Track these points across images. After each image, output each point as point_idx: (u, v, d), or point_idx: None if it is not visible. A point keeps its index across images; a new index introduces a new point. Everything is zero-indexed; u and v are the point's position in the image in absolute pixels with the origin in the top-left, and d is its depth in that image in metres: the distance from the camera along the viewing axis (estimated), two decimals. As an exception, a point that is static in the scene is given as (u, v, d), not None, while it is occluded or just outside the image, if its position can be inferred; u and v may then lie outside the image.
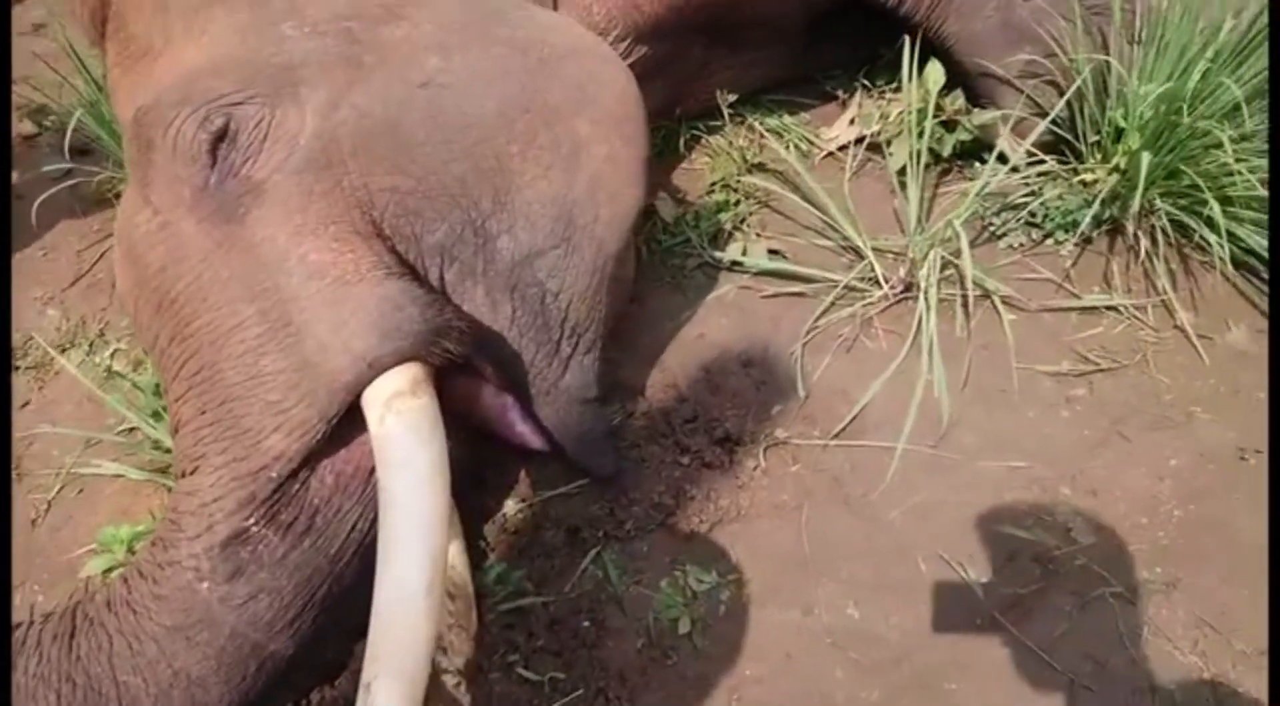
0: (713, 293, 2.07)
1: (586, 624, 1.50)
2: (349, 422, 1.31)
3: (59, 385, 1.95)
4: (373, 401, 1.27)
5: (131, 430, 1.75)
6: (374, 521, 1.34)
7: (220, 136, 1.40)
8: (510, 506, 1.66)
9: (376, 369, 1.27)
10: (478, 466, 1.64)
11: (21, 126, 2.68)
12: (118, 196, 2.35)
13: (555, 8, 1.89)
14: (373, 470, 1.32)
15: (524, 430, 1.62)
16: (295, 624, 1.29)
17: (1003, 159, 2.00)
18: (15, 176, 2.49)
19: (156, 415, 1.71)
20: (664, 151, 2.33)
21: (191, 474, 1.33)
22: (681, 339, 1.96)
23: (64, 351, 2.01)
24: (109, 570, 1.50)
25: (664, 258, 2.11)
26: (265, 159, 1.41)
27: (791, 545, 1.60)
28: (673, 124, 2.34)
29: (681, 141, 2.36)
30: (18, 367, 1.98)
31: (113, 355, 1.97)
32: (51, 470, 1.78)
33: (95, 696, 1.21)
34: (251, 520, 1.26)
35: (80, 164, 2.31)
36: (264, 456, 1.27)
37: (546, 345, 1.58)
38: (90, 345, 2.00)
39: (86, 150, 2.40)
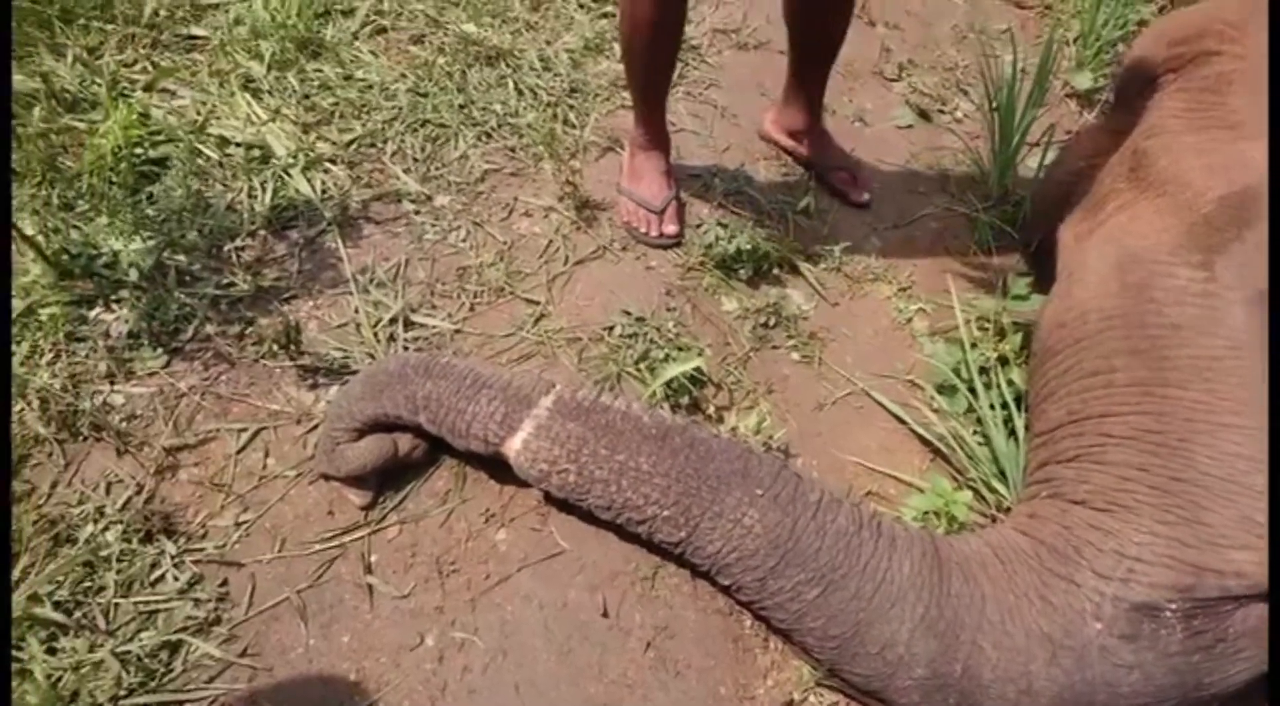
0: None
1: None
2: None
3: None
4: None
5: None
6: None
7: None
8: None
9: None
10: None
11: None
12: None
13: None
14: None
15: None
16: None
17: None
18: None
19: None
20: None
21: (1101, 511, 1.37)
22: None
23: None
24: (924, 513, 1.61)
25: None
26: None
27: None
28: None
29: None
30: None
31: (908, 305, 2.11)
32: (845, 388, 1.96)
33: (952, 637, 1.30)
34: (1173, 606, 1.25)
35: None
36: (1224, 564, 1.25)
37: None
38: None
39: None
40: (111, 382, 1.66)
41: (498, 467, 1.55)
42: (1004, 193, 2.43)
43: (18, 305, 1.71)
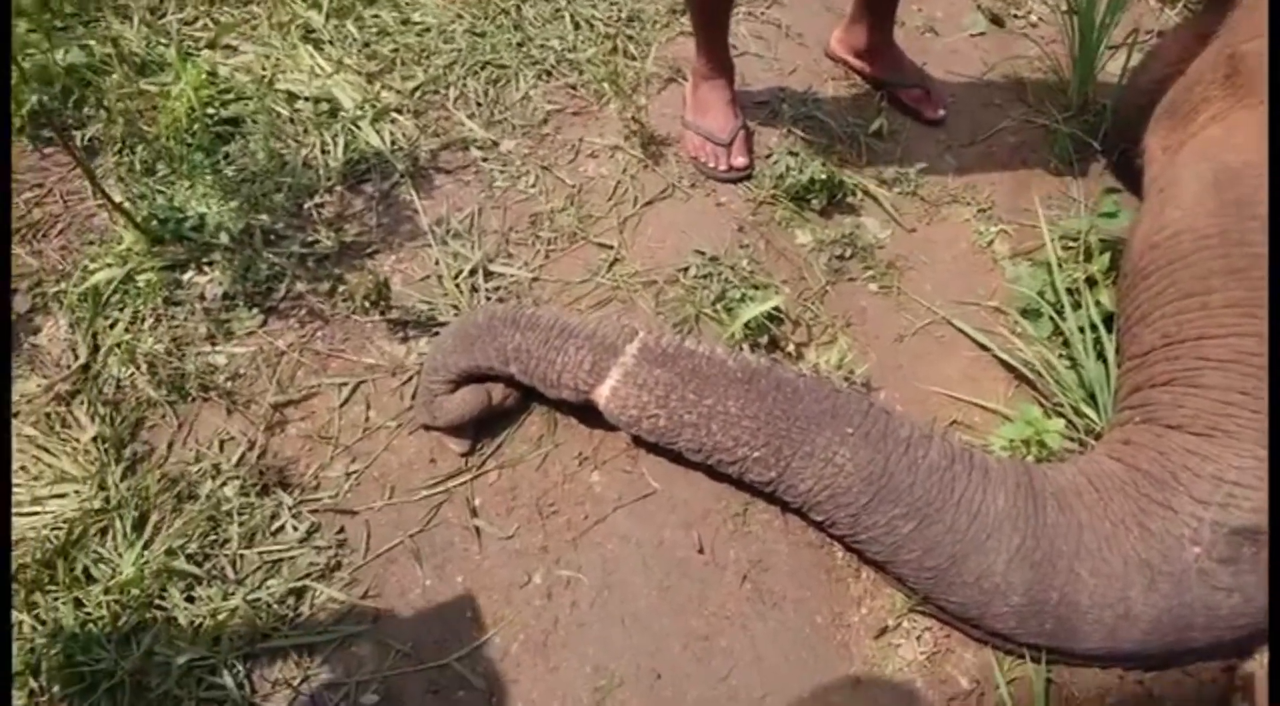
0: None
1: None
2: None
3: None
4: None
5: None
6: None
7: None
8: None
9: None
10: None
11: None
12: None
13: None
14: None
15: None
16: (1215, 635, 1.30)
17: None
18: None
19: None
20: None
21: (1199, 435, 1.35)
22: None
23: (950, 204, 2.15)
24: (1013, 441, 1.61)
25: None
26: None
27: None
28: None
29: None
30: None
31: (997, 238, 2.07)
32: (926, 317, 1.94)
33: (1049, 566, 1.32)
34: (1275, 527, 1.25)
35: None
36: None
37: None
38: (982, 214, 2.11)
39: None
40: (212, 344, 1.73)
41: (586, 412, 1.60)
42: (1085, 102, 2.33)
43: (116, 273, 1.79)
